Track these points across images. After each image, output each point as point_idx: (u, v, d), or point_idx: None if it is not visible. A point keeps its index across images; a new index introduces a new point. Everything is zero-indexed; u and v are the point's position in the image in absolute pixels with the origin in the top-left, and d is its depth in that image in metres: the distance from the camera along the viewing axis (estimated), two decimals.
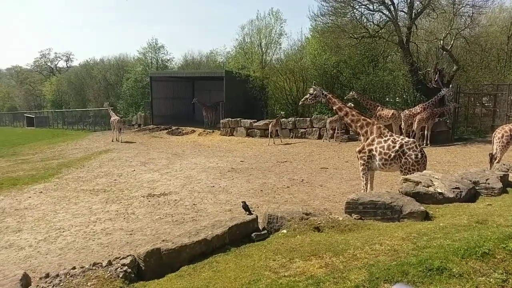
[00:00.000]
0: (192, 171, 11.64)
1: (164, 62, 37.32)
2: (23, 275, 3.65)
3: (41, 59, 59.79)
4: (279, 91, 24.27)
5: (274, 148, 16.52)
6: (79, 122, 34.23)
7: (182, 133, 23.45)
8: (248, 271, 3.40)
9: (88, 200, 8.75)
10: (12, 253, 5.78)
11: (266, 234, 4.66)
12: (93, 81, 39.78)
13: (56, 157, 16.34)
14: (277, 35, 26.62)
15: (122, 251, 5.48)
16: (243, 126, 21.10)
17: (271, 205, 7.55)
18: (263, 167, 11.97)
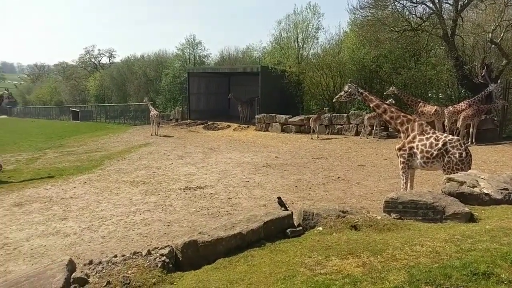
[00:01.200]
0: (227, 166, 11.76)
1: (201, 58, 37.87)
2: (69, 261, 3.84)
3: (85, 55, 62.53)
4: (315, 87, 23.95)
5: (310, 144, 16.35)
6: (120, 116, 35.54)
7: (218, 128, 23.75)
8: (283, 266, 3.39)
9: (128, 191, 9.07)
10: (58, 240, 6.10)
11: (301, 230, 4.63)
12: (134, 76, 41.08)
13: (99, 150, 17.07)
14: (314, 29, 26.28)
15: (160, 242, 5.64)
16: (278, 121, 21.04)
17: (306, 201, 7.50)
18: (298, 163, 11.89)
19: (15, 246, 5.87)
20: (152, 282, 3.45)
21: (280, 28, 27.67)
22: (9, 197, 8.98)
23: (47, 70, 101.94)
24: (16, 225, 6.85)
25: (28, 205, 8.19)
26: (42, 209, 7.84)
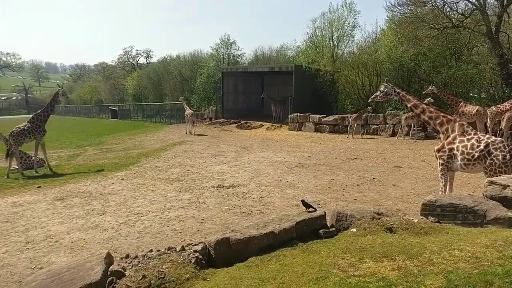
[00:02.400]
0: (260, 165, 11.79)
1: (235, 57, 38.19)
2: (107, 254, 3.99)
3: (124, 56, 64.78)
4: (350, 86, 23.52)
5: (344, 144, 16.08)
6: (156, 115, 36.54)
7: (251, 127, 23.85)
8: (315, 267, 3.35)
9: (163, 188, 9.30)
10: (97, 234, 6.35)
11: (334, 231, 4.56)
12: (170, 76, 42.08)
13: (136, 147, 17.63)
14: (350, 27, 25.78)
15: (193, 238, 5.74)
16: (312, 121, 20.84)
17: (339, 202, 7.38)
18: (331, 164, 11.72)
19: (57, 239, 6.16)
20: (186, 277, 3.52)
21: (315, 27, 27.41)
22: (52, 191, 9.45)
23: (88, 70, 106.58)
24: (58, 219, 7.19)
25: (69, 199, 8.58)
26: (82, 203, 8.19)
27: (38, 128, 12.32)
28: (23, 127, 12.13)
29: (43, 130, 12.51)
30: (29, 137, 12.19)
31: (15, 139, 11.90)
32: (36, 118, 12.43)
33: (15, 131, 11.97)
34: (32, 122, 12.33)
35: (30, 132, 12.16)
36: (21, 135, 11.98)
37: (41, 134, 12.46)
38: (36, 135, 12.31)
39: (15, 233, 6.45)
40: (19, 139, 11.97)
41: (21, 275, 4.85)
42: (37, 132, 12.31)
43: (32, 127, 12.23)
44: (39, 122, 12.39)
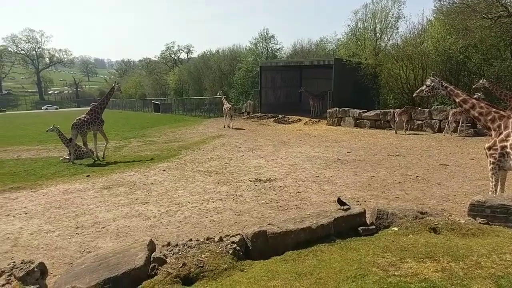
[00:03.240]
0: (297, 160, 11.72)
1: (273, 51, 38.11)
2: (150, 241, 4.15)
3: (166, 51, 66.70)
4: (393, 79, 22.74)
5: (385, 140, 15.61)
6: (196, 109, 37.30)
7: (288, 121, 23.74)
8: (354, 264, 3.30)
9: (202, 180, 9.50)
10: (140, 222, 6.61)
11: (374, 229, 4.46)
12: (209, 71, 42.77)
13: (177, 140, 18.11)
14: (394, 18, 24.90)
15: (231, 230, 5.83)
16: (352, 116, 20.40)
17: (380, 200, 7.20)
18: (372, 160, 11.43)
19: (104, 225, 6.48)
20: (224, 267, 3.59)
21: (356, 19, 26.71)
22: (99, 180, 9.94)
23: (133, 65, 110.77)
24: (104, 206, 7.56)
25: (115, 188, 8.99)
26: (127, 192, 8.56)
27: (96, 120, 13.31)
28: (83, 119, 13.14)
29: (101, 121, 13.51)
30: (88, 127, 13.18)
31: (78, 129, 12.93)
32: (94, 110, 13.41)
33: (76, 122, 12.98)
34: (90, 114, 13.31)
35: (90, 123, 13.17)
36: (82, 126, 13.01)
37: (100, 124, 13.46)
38: (95, 126, 13.30)
39: (66, 219, 6.86)
40: (81, 129, 13.00)
41: (71, 257, 5.16)
42: (96, 123, 13.30)
43: (91, 118, 13.24)
44: (96, 113, 13.38)
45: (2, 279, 3.39)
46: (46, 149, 16.68)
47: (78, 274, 3.66)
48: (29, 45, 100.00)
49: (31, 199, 8.27)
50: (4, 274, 3.46)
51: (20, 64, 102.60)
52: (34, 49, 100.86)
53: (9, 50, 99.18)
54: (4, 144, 18.98)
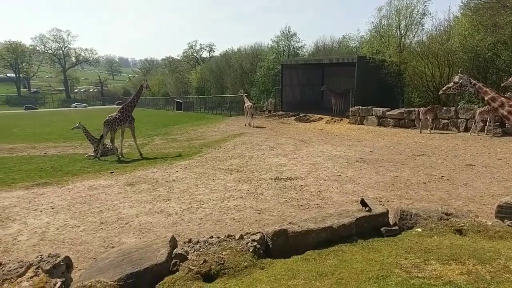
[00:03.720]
0: (318, 158, 11.62)
1: (295, 49, 37.91)
2: (172, 238, 4.21)
3: (188, 50, 67.49)
4: (418, 77, 22.21)
5: (410, 139, 15.28)
6: (217, 107, 37.55)
7: (310, 120, 23.57)
8: (376, 265, 3.25)
9: (223, 178, 9.56)
10: (162, 218, 6.72)
11: (397, 230, 4.38)
12: (231, 69, 42.96)
13: (198, 138, 18.29)
14: (419, 15, 24.33)
15: (251, 228, 5.84)
16: (375, 114, 20.06)
17: (403, 200, 7.05)
18: (395, 159, 11.21)
19: (127, 221, 6.62)
20: (244, 265, 3.60)
21: (380, 16, 26.24)
22: (123, 177, 10.16)
23: (156, 64, 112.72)
24: (128, 202, 7.72)
25: (138, 185, 9.17)
26: (149, 189, 8.71)
27: (127, 117, 13.68)
28: (115, 116, 13.52)
29: (132, 119, 13.89)
30: (120, 124, 13.56)
31: (110, 126, 13.33)
32: (125, 108, 13.79)
33: (108, 119, 13.37)
34: (121, 111, 13.67)
35: (121, 120, 13.54)
36: (113, 123, 13.39)
37: (131, 122, 13.84)
38: (126, 123, 13.67)
39: (91, 214, 7.04)
40: (113, 127, 13.38)
41: (95, 252, 5.30)
42: (127, 120, 13.68)
43: (122, 116, 13.60)
44: (127, 111, 13.75)
45: (30, 271, 3.52)
46: (72, 146, 17.18)
47: (102, 268, 3.76)
48: (56, 45, 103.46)
49: (57, 194, 8.53)
50: (32, 266, 3.59)
51: (47, 63, 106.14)
52: (61, 49, 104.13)
53: (37, 49, 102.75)
54: (32, 141, 19.67)
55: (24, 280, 3.41)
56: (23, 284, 3.36)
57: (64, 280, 3.54)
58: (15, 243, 5.74)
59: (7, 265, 3.66)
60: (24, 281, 3.40)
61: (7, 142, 19.66)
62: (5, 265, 3.67)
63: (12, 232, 6.22)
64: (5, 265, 3.67)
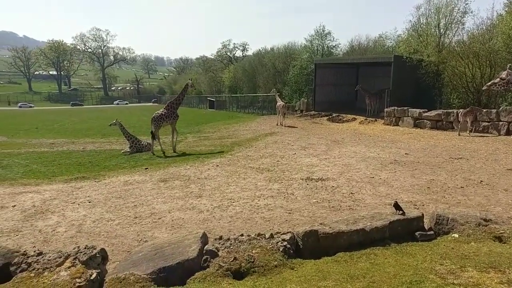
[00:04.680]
0: (351, 160, 11.43)
1: (329, 48, 37.40)
2: (203, 234, 4.29)
3: (222, 49, 68.29)
4: (458, 78, 21.32)
5: (447, 142, 14.72)
6: (249, 106, 37.70)
7: (343, 120, 23.21)
8: (409, 270, 3.16)
9: (254, 176, 9.61)
10: (194, 214, 6.85)
11: (432, 235, 4.25)
12: (263, 68, 43.01)
13: (230, 136, 18.48)
14: (460, 13, 23.32)
15: (281, 227, 5.84)
16: (411, 115, 19.46)
17: (439, 205, 6.81)
18: (431, 162, 10.84)
19: (160, 216, 6.80)
20: (274, 264, 3.61)
21: (419, 14, 25.38)
22: (157, 173, 10.44)
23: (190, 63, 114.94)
24: (161, 198, 7.93)
25: (171, 181, 9.39)
26: (182, 186, 8.90)
27: (172, 114, 14.29)
28: (161, 113, 14.15)
29: (177, 115, 14.47)
30: (166, 121, 14.18)
31: (156, 123, 13.95)
32: (171, 106, 14.41)
33: (155, 116, 14.03)
34: (167, 109, 14.31)
35: (167, 117, 14.17)
36: (160, 120, 14.01)
37: (175, 119, 14.42)
38: (170, 120, 14.27)
39: (126, 208, 7.29)
40: (159, 123, 14.01)
41: (129, 245, 5.48)
42: (172, 117, 14.28)
43: (168, 113, 14.23)
44: (172, 109, 14.35)
45: (68, 262, 3.70)
46: (109, 142, 17.84)
47: (136, 261, 3.88)
48: (95, 44, 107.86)
49: (94, 188, 8.89)
50: (70, 257, 3.77)
51: (87, 62, 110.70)
52: (100, 47, 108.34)
53: (78, 48, 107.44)
54: (72, 136, 20.60)
55: (62, 270, 3.58)
56: (62, 274, 3.52)
57: (99, 272, 3.69)
58: (54, 234, 6.04)
59: (47, 255, 3.86)
60: (62, 270, 3.57)
61: (48, 137, 20.71)
62: (45, 254, 3.87)
63: (51, 223, 6.55)
64: (45, 254, 3.87)
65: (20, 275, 3.60)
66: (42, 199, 8.04)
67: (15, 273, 3.68)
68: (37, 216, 6.91)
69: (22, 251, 4.00)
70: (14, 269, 3.73)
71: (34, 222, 6.63)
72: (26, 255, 3.89)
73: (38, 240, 5.78)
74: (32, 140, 19.16)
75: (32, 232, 6.13)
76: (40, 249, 4.10)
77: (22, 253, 3.94)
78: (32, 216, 6.95)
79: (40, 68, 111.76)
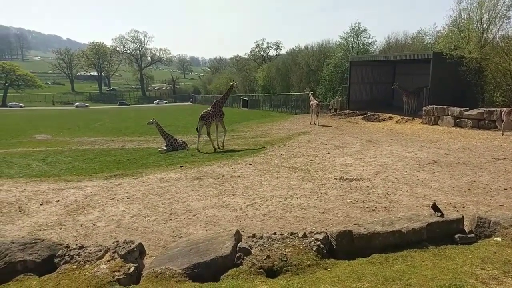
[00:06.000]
0: (387, 160, 11.15)
1: (365, 46, 36.65)
2: (236, 231, 4.34)
3: (256, 48, 68.66)
4: (501, 75, 20.28)
5: (490, 142, 14.03)
6: (283, 105, 37.62)
7: (378, 119, 22.66)
8: (448, 273, 3.06)
9: (287, 176, 9.59)
10: (227, 212, 6.94)
11: (473, 238, 4.08)
12: (297, 67, 42.79)
13: (263, 135, 18.54)
14: (505, 7, 22.10)
15: (314, 227, 5.80)
16: (451, 114, 18.69)
17: (481, 207, 6.52)
18: (473, 163, 10.37)
19: (195, 213, 6.95)
20: (307, 264, 3.60)
21: (459, 9, 24.31)
22: (192, 171, 10.66)
23: (224, 63, 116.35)
24: (195, 196, 8.10)
25: (205, 179, 9.57)
26: (215, 184, 9.04)
27: (218, 112, 15.01)
28: (209, 111, 14.89)
29: (222, 113, 15.20)
30: (213, 119, 14.89)
31: (205, 120, 14.70)
32: (217, 104, 15.17)
33: (203, 114, 14.78)
34: (214, 107, 15.04)
35: (214, 115, 14.90)
36: (208, 118, 14.75)
37: (221, 116, 15.16)
38: (217, 118, 14.99)
39: (162, 205, 7.51)
40: (207, 121, 14.73)
41: (165, 241, 5.64)
42: (218, 115, 15.01)
43: (215, 111, 14.95)
44: (218, 107, 15.08)
45: (107, 255, 3.87)
46: (146, 140, 18.40)
47: (172, 256, 4.00)
48: (134, 45, 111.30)
49: (132, 185, 9.21)
50: (109, 251, 3.94)
51: (126, 63, 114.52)
52: (138, 49, 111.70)
53: (117, 50, 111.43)
54: (111, 134, 21.43)
55: (102, 263, 3.75)
56: (102, 267, 3.69)
57: (137, 266, 3.83)
58: (95, 229, 6.32)
59: (88, 248, 4.05)
60: (102, 263, 3.74)
61: (89, 135, 21.68)
62: (86, 247, 4.07)
63: (92, 218, 6.86)
64: (86, 247, 4.07)
65: (64, 266, 3.81)
66: (83, 194, 8.43)
67: (59, 265, 3.89)
68: (79, 211, 7.26)
69: (65, 244, 4.21)
70: (58, 260, 3.94)
71: (76, 216, 6.97)
72: (69, 248, 4.10)
73: (79, 234, 6.07)
74: (75, 139, 20.12)
75: (74, 226, 6.45)
76: (81, 243, 4.31)
77: (65, 246, 4.16)
78: (74, 211, 7.30)
79: (82, 69, 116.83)
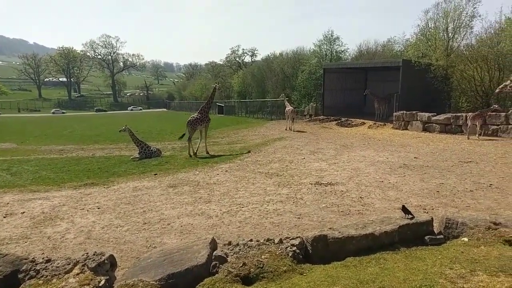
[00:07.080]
0: (360, 164, 11.40)
1: (338, 53, 37.44)
2: (212, 240, 4.31)
3: (231, 55, 68.86)
4: (466, 82, 21.19)
5: (456, 145, 14.60)
6: (258, 111, 37.79)
7: (352, 124, 23.16)
8: (419, 274, 3.16)
9: (263, 181, 9.62)
10: (203, 220, 6.88)
11: (442, 239, 4.22)
12: (272, 74, 43.15)
13: (239, 141, 18.53)
14: (468, 17, 23.23)
15: (290, 232, 5.84)
16: (420, 119, 19.34)
17: (449, 208, 6.76)
18: (441, 166, 10.75)
19: (169, 222, 6.84)
20: (283, 269, 3.62)
21: (427, 18, 25.36)
22: (166, 179, 10.51)
23: (199, 69, 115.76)
24: (170, 204, 7.98)
25: (180, 187, 9.45)
26: (191, 191, 8.95)
27: (205, 118, 14.84)
28: (196, 117, 14.71)
29: (209, 119, 15.05)
30: (200, 124, 14.73)
31: (192, 126, 14.52)
32: (203, 110, 14.93)
33: (191, 120, 14.59)
34: (200, 113, 14.84)
35: (201, 120, 14.70)
36: (195, 123, 14.57)
37: (207, 122, 15.01)
38: (204, 123, 14.84)
39: (135, 214, 7.35)
40: (195, 126, 14.57)
41: (138, 251, 5.52)
42: (205, 120, 14.86)
43: (202, 117, 14.74)
44: (205, 112, 14.90)
45: (76, 268, 3.73)
46: (118, 148, 18.00)
47: (145, 267, 3.91)
48: (105, 50, 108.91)
49: (103, 194, 8.96)
50: (78, 264, 3.80)
51: (97, 68, 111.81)
52: (109, 54, 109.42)
53: (87, 55, 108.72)
54: (81, 142, 20.83)
55: (71, 277, 3.60)
56: (70, 281, 3.54)
57: (108, 278, 3.70)
58: (63, 241, 6.09)
59: (56, 262, 3.87)
60: (71, 277, 3.60)
61: (58, 143, 20.96)
62: (54, 261, 3.89)
63: (60, 230, 6.61)
64: (54, 261, 3.89)
65: (29, 282, 3.62)
66: (51, 205, 8.12)
67: (23, 281, 3.69)
68: (46, 223, 6.99)
69: (30, 258, 4.00)
70: (22, 276, 3.74)
71: (43, 228, 6.70)
72: (34, 262, 3.90)
73: (47, 247, 5.83)
74: (42, 147, 19.42)
75: (41, 239, 6.19)
76: (48, 256, 4.12)
77: (30, 260, 3.95)
78: (41, 222, 7.02)
79: (50, 75, 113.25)
